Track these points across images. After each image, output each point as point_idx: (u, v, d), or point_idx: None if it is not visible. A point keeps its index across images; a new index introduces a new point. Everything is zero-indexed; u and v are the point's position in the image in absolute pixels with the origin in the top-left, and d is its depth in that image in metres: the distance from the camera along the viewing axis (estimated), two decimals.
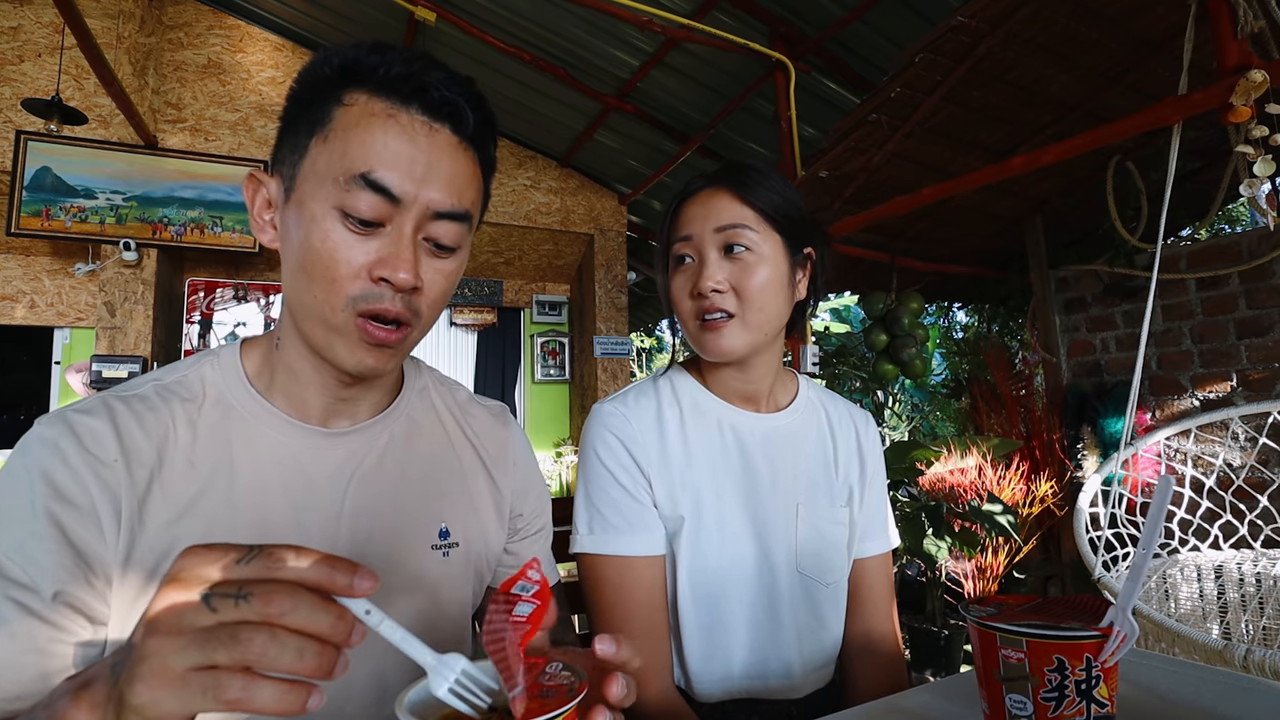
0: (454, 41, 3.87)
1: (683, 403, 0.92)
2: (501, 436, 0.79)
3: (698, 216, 0.85)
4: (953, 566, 2.62)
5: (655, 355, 9.76)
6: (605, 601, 0.84)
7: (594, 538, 0.85)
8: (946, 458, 2.63)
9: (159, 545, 0.56)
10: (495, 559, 0.76)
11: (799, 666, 0.88)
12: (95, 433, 0.56)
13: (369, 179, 0.54)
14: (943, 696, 0.67)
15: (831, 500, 0.92)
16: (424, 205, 0.56)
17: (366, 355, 0.59)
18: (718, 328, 0.84)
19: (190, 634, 0.34)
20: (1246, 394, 2.68)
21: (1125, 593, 0.50)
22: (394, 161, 0.55)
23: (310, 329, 0.59)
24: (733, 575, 0.86)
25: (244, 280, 4.66)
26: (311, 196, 0.56)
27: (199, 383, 0.63)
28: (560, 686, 0.41)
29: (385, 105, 0.56)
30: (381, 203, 0.55)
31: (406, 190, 0.55)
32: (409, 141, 0.55)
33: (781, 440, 0.92)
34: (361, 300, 0.56)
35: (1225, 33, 1.52)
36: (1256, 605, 1.66)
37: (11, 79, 3.77)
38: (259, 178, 0.61)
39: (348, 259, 0.55)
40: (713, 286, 0.82)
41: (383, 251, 0.56)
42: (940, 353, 4.96)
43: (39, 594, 0.51)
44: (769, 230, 0.84)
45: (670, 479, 0.87)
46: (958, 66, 2.06)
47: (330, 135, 0.55)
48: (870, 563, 0.97)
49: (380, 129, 0.55)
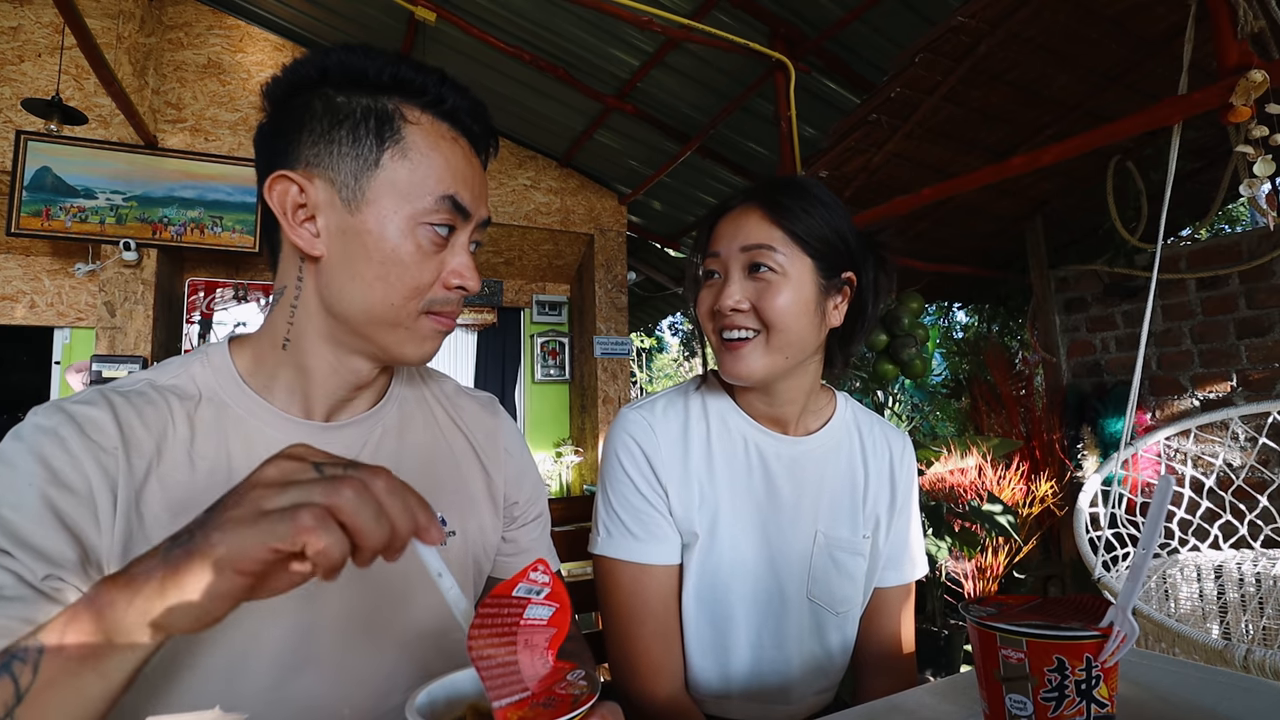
0: (454, 41, 3.86)
1: (710, 418, 0.90)
2: (491, 426, 0.79)
3: (727, 234, 0.85)
4: (953, 566, 2.62)
5: (655, 355, 9.76)
6: (620, 605, 0.84)
7: (611, 541, 0.85)
8: (946, 458, 2.63)
9: (156, 539, 0.55)
10: (493, 547, 0.76)
11: (797, 690, 0.87)
12: (96, 421, 0.56)
13: (455, 200, 0.61)
14: (943, 696, 0.67)
15: (854, 530, 0.90)
16: (479, 219, 0.65)
17: (433, 345, 0.65)
18: (737, 349, 0.82)
19: (294, 484, 0.39)
20: (1246, 394, 2.68)
21: (1125, 593, 0.50)
22: (466, 182, 0.62)
23: (375, 330, 0.62)
24: (741, 597, 0.85)
25: (244, 280, 4.66)
26: (396, 210, 0.59)
27: (191, 382, 0.63)
28: (566, 696, 0.40)
29: (447, 129, 0.62)
30: (458, 218, 0.62)
31: (475, 208, 0.64)
32: (468, 165, 0.63)
33: (808, 465, 0.90)
34: (434, 303, 0.63)
35: (1225, 33, 1.52)
36: (1256, 605, 1.66)
37: (11, 79, 3.77)
38: (292, 178, 0.59)
39: (430, 269, 0.61)
40: (731, 305, 0.81)
41: (453, 263, 0.63)
42: (940, 353, 4.96)
43: (32, 572, 0.50)
44: (797, 252, 0.81)
45: (689, 495, 0.86)
46: (958, 66, 2.06)
47: (411, 152, 0.59)
48: (892, 592, 0.95)
49: (450, 151, 0.62)
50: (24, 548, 0.50)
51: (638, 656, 0.83)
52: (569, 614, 0.43)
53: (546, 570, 0.45)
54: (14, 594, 0.49)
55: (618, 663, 0.85)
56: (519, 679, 0.40)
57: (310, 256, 0.61)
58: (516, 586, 0.44)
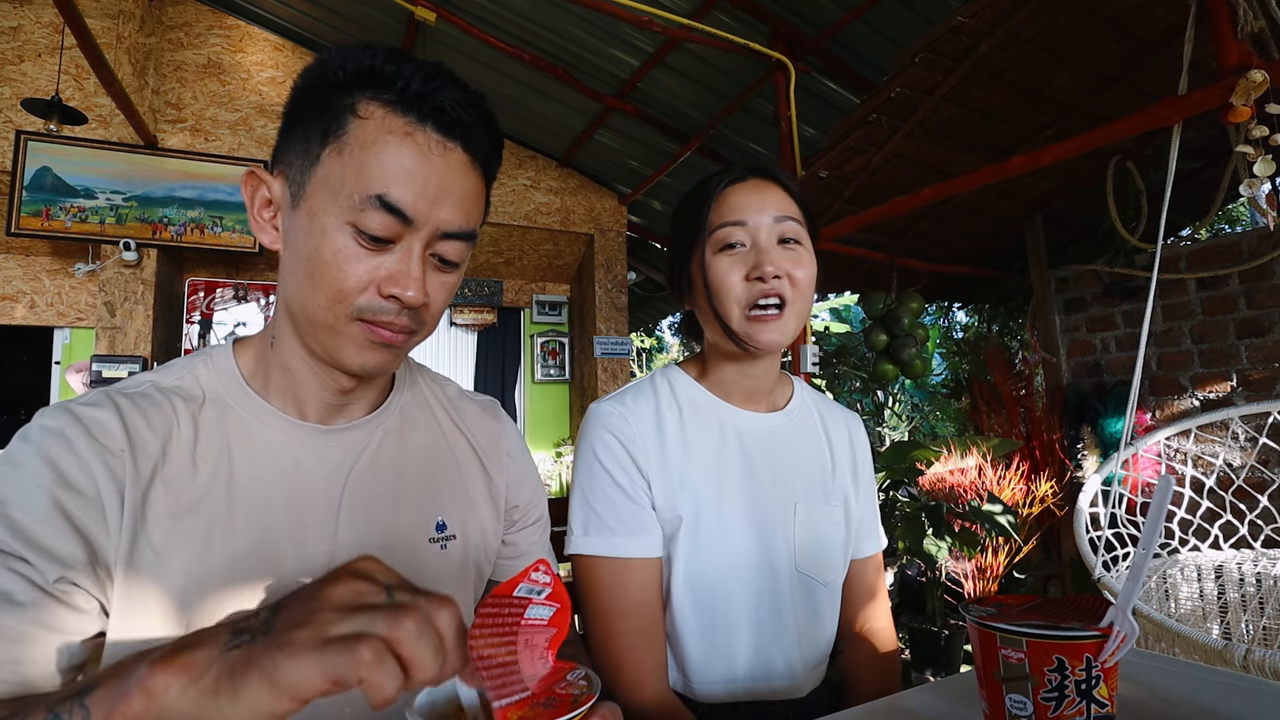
0: (454, 41, 3.87)
1: (681, 402, 0.91)
2: (493, 430, 0.79)
3: (751, 205, 0.85)
4: (953, 566, 2.62)
5: (655, 355, 9.76)
6: (601, 604, 0.83)
7: (589, 539, 0.84)
8: (946, 458, 2.63)
9: (159, 542, 0.55)
10: (494, 551, 0.76)
11: (800, 666, 0.88)
12: (102, 423, 0.56)
13: (385, 200, 0.54)
14: (943, 696, 0.67)
15: (827, 501, 0.93)
16: (435, 226, 0.57)
17: (372, 355, 0.60)
18: (768, 320, 0.83)
19: (361, 611, 0.37)
20: (1246, 394, 2.68)
21: (1125, 593, 0.50)
22: (409, 182, 0.55)
23: (312, 334, 0.59)
24: (735, 576, 0.85)
25: (244, 280, 4.66)
26: (323, 209, 0.56)
27: (195, 383, 0.63)
28: (565, 696, 0.40)
29: (402, 122, 0.56)
30: (394, 223, 0.55)
31: (420, 211, 0.56)
32: (424, 162, 0.56)
33: (780, 439, 0.92)
34: (366, 310, 0.57)
35: (1225, 33, 1.52)
36: (1256, 605, 1.66)
37: (11, 79, 3.77)
38: (260, 176, 0.60)
39: (356, 273, 0.56)
40: (774, 272, 0.82)
41: (392, 268, 0.57)
42: (940, 353, 4.96)
43: (44, 575, 0.50)
44: (805, 230, 0.87)
45: (669, 479, 0.86)
46: (958, 66, 2.06)
47: (345, 149, 0.55)
48: (867, 563, 0.99)
49: (396, 148, 0.55)
50: (35, 550, 0.50)
51: (622, 657, 0.82)
52: (570, 614, 0.43)
53: (548, 570, 0.45)
54: (26, 599, 0.49)
55: (601, 664, 0.84)
56: (519, 679, 0.40)
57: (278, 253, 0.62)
58: (517, 586, 0.43)
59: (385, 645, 0.36)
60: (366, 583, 0.39)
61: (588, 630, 0.87)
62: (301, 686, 0.35)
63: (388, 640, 0.36)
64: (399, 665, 0.36)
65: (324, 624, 0.37)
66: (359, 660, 0.35)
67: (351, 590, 0.39)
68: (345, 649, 0.35)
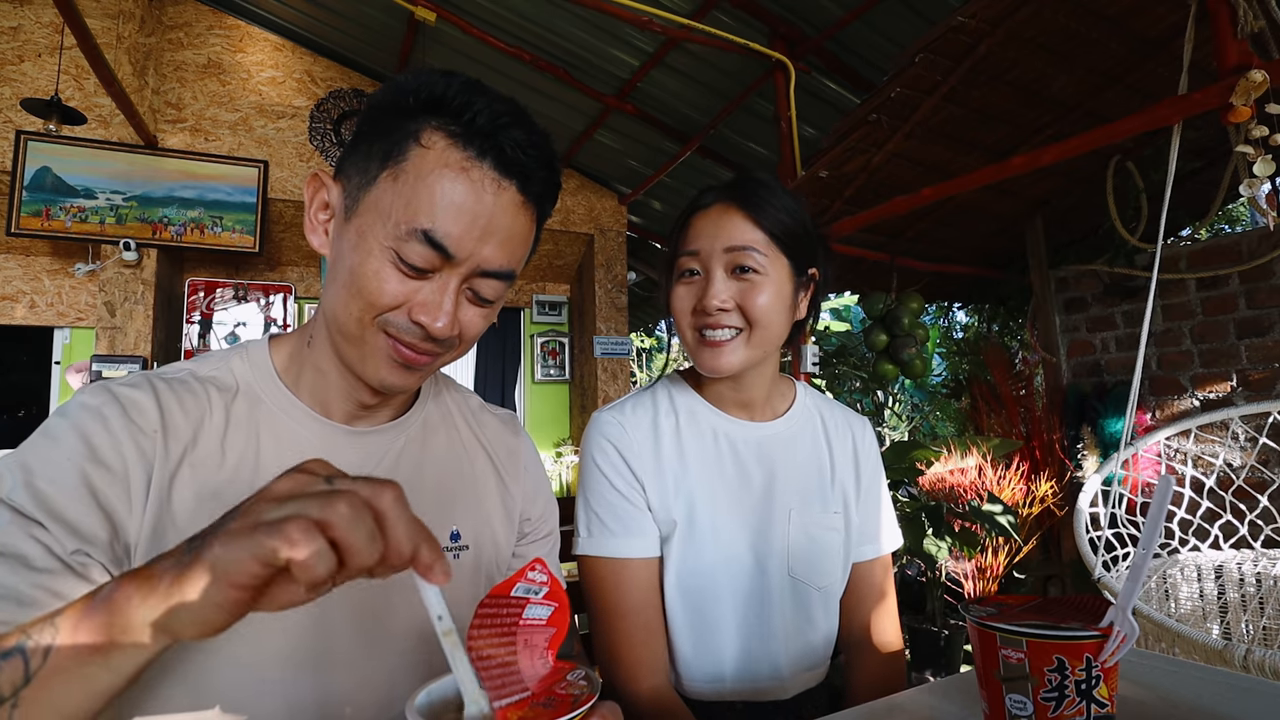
0: (454, 42, 3.87)
1: (679, 411, 0.94)
2: (512, 444, 0.81)
3: (706, 233, 0.86)
4: (953, 566, 2.62)
5: (655, 355, 9.76)
6: (602, 601, 0.87)
7: (592, 540, 0.88)
8: (946, 458, 2.63)
9: (182, 523, 0.57)
10: (505, 563, 0.77)
11: (787, 667, 0.89)
12: (139, 404, 0.58)
13: (429, 235, 0.56)
14: (943, 696, 0.67)
15: (825, 506, 0.94)
16: (476, 263, 0.58)
17: (392, 373, 0.61)
18: (718, 345, 0.85)
19: (297, 498, 0.37)
20: (1246, 394, 2.68)
21: (1125, 593, 0.50)
22: (457, 216, 0.56)
23: (341, 342, 0.62)
24: (724, 577, 0.88)
25: (244, 280, 4.66)
26: (371, 230, 0.57)
27: (230, 374, 0.65)
28: (565, 697, 0.40)
29: (461, 156, 0.57)
30: (435, 256, 0.57)
31: (463, 247, 0.57)
32: (475, 198, 0.57)
33: (775, 447, 0.94)
34: (392, 326, 0.59)
35: (1225, 33, 1.52)
36: (1256, 605, 1.66)
37: (11, 79, 3.77)
38: (323, 179, 0.63)
39: (392, 293, 0.57)
40: (718, 305, 0.83)
41: (426, 298, 0.58)
42: (940, 353, 4.96)
43: (62, 546, 0.51)
44: (777, 253, 0.85)
45: (664, 485, 0.89)
46: (958, 66, 2.06)
47: (401, 176, 0.56)
48: (870, 565, 0.99)
49: (450, 181, 0.56)
50: (57, 520, 0.51)
51: (620, 651, 0.85)
52: (568, 613, 0.43)
53: (544, 569, 0.45)
54: (42, 565, 0.50)
55: (602, 659, 0.88)
56: (519, 679, 0.40)
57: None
58: (515, 586, 0.44)
59: (316, 527, 0.36)
60: (308, 475, 0.40)
61: (591, 627, 0.90)
62: (235, 571, 0.36)
63: (319, 522, 0.36)
64: (334, 551, 0.36)
65: (260, 511, 0.37)
66: (287, 539, 0.35)
67: (293, 482, 0.39)
68: (273, 530, 0.35)
